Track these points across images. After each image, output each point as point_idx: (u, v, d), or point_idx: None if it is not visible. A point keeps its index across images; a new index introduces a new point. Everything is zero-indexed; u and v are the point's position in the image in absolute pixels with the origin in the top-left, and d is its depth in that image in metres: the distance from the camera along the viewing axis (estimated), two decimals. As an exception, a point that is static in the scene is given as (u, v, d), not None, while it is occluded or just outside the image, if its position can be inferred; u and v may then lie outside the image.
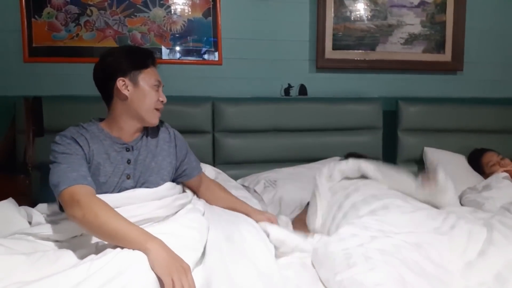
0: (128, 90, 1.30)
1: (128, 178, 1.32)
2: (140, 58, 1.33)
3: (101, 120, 1.39)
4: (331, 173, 1.74)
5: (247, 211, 1.49)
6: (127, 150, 1.34)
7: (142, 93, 1.31)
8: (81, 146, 1.25)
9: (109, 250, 1.06)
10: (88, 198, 1.12)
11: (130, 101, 1.30)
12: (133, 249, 1.04)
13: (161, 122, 1.47)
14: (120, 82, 1.29)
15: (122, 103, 1.31)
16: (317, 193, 1.71)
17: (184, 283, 0.97)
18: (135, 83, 1.31)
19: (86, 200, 1.11)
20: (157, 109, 1.36)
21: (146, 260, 1.01)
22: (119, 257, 1.01)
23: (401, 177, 1.70)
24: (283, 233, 1.32)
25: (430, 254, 1.21)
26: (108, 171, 1.29)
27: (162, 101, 1.37)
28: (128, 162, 1.32)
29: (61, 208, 1.21)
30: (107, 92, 1.33)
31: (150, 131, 1.41)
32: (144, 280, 0.97)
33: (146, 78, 1.32)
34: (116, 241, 1.07)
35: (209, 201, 1.53)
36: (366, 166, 1.71)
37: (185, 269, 1.01)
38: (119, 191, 1.29)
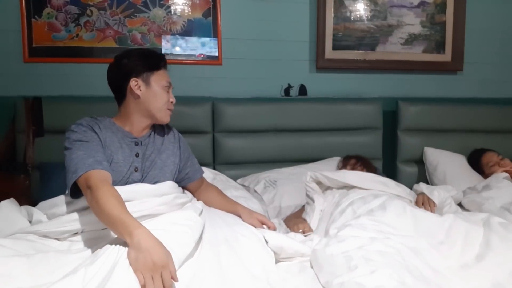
0: (141, 90, 1.38)
1: (136, 171, 1.37)
2: (153, 60, 1.41)
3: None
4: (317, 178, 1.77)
5: (238, 212, 1.54)
6: (136, 144, 1.41)
7: (154, 94, 1.39)
8: (96, 133, 1.32)
9: (100, 252, 1.05)
10: (98, 184, 1.16)
11: (142, 100, 1.38)
12: (122, 238, 1.06)
13: (167, 124, 1.53)
14: (133, 82, 1.37)
15: (135, 102, 1.39)
16: (312, 192, 1.73)
17: (156, 281, 0.96)
18: (147, 83, 1.39)
19: (95, 186, 1.15)
20: (168, 109, 1.44)
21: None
22: (109, 260, 1.01)
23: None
24: (281, 239, 1.32)
25: (428, 259, 1.21)
26: (120, 160, 1.34)
27: (172, 102, 1.45)
28: (137, 155, 1.39)
29: (73, 195, 1.26)
30: (121, 92, 1.40)
31: (157, 130, 1.49)
32: (128, 281, 0.97)
33: (158, 79, 1.40)
34: (111, 229, 1.11)
35: (205, 203, 1.55)
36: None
37: (157, 267, 0.97)
38: (126, 183, 1.34)
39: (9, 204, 1.37)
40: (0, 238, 1.15)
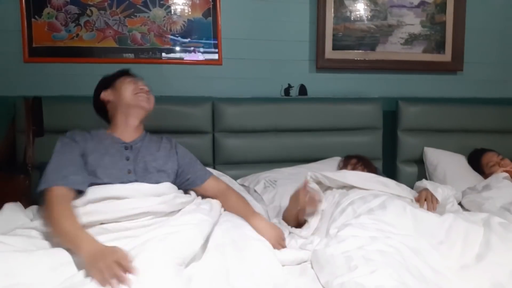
0: (111, 95, 1.52)
1: (129, 173, 1.41)
2: (116, 73, 1.57)
3: None
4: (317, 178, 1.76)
5: (252, 223, 1.47)
6: (126, 148, 1.47)
7: (120, 89, 1.51)
8: (77, 143, 1.38)
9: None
10: (53, 200, 1.21)
11: (114, 99, 1.51)
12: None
13: (163, 136, 1.61)
14: (103, 94, 1.53)
15: (111, 105, 1.53)
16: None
17: (112, 269, 0.97)
18: (113, 87, 1.53)
19: (51, 202, 1.20)
20: (139, 94, 1.51)
21: None
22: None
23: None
24: (281, 253, 1.33)
25: (428, 259, 1.21)
26: (107, 164, 1.38)
27: (141, 88, 1.53)
28: (127, 159, 1.43)
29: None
30: (103, 109, 1.55)
31: (152, 137, 1.56)
32: None
33: (121, 80, 1.53)
34: (64, 243, 1.13)
35: (224, 208, 1.57)
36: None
37: (107, 260, 0.99)
38: (122, 183, 1.36)
39: (14, 206, 1.41)
40: (0, 235, 1.16)
